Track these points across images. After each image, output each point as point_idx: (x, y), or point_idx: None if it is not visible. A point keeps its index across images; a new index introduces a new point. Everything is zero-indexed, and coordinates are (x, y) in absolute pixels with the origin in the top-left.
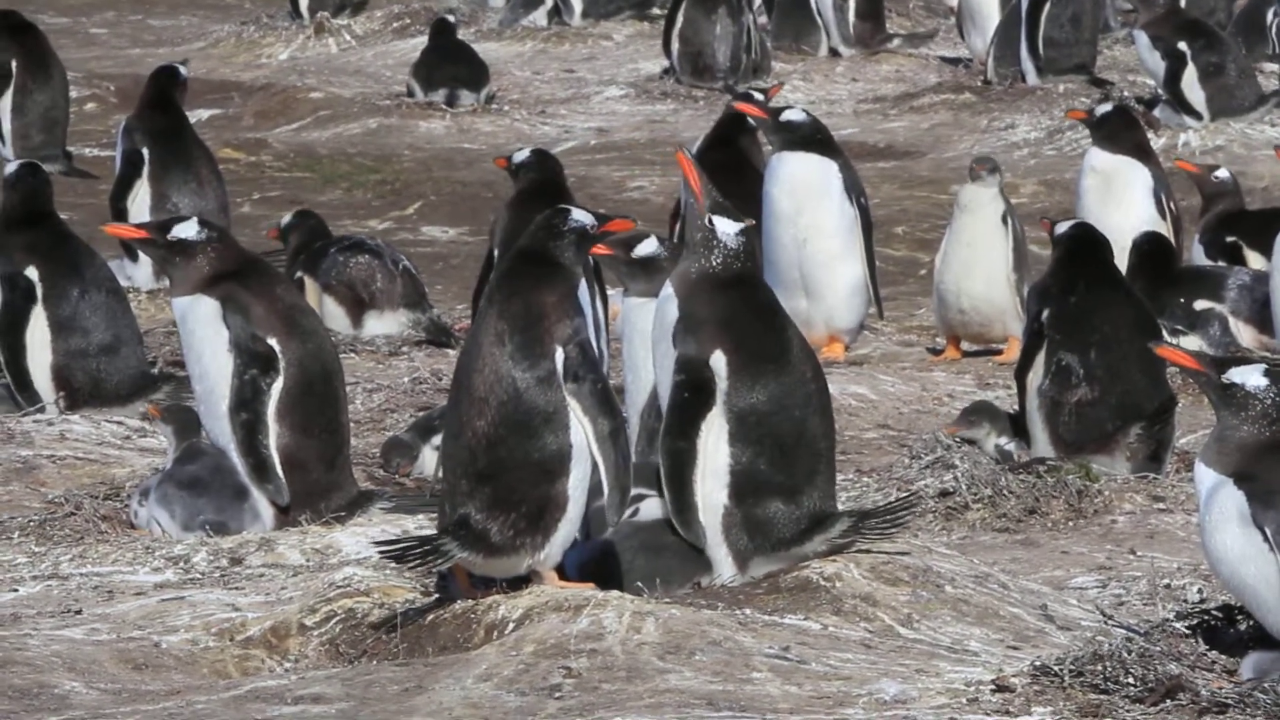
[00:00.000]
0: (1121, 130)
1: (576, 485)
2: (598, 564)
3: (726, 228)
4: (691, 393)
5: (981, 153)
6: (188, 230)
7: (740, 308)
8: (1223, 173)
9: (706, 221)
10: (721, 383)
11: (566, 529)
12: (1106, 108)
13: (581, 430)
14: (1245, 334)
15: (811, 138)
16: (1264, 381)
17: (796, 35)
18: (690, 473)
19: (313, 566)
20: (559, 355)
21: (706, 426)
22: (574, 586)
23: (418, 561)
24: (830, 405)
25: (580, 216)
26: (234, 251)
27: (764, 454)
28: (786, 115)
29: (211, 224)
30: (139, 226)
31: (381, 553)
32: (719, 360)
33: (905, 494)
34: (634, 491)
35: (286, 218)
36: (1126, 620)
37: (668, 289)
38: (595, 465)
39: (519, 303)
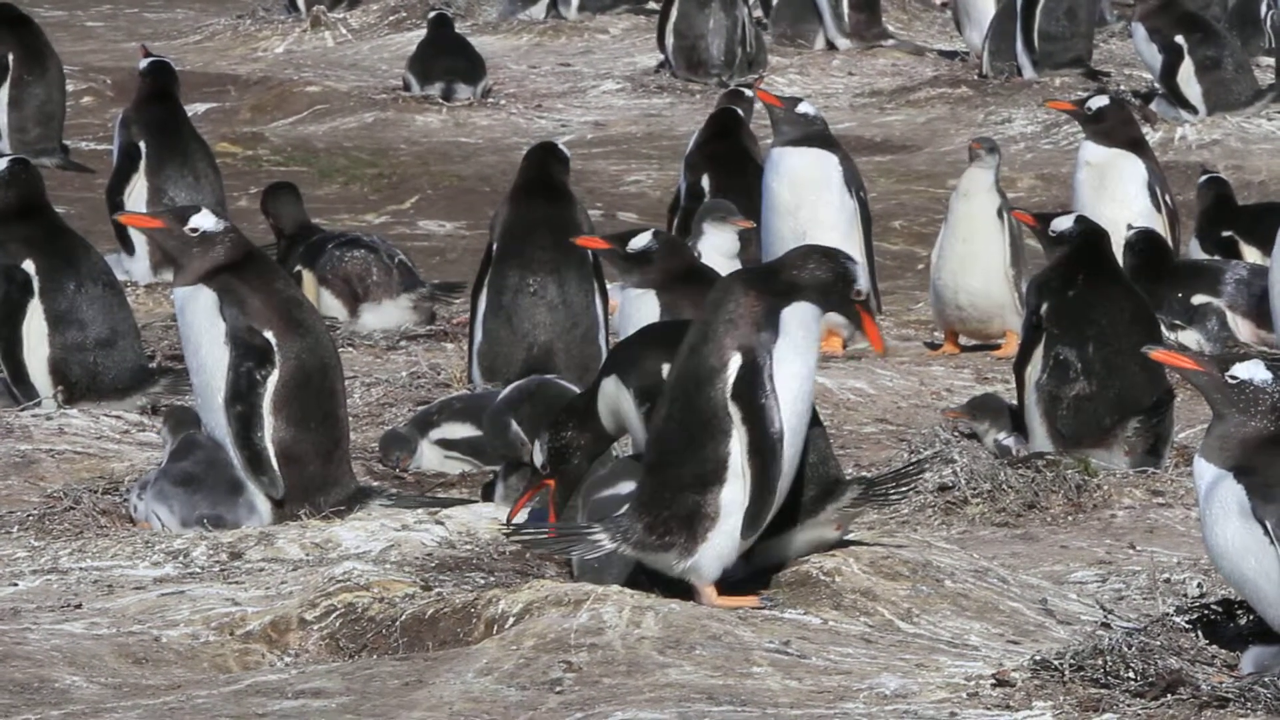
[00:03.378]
0: (1116, 124)
1: (732, 502)
2: (601, 560)
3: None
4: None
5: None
6: (205, 221)
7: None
8: (1204, 178)
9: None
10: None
11: (720, 543)
12: (1102, 101)
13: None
14: (1243, 328)
15: (813, 132)
16: (1269, 375)
17: (793, 22)
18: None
19: (312, 561)
20: (735, 361)
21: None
22: (736, 601)
23: (560, 547)
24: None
25: (863, 278)
26: (239, 244)
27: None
28: (802, 108)
29: (222, 215)
30: (154, 216)
31: (517, 539)
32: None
33: (910, 463)
34: (630, 488)
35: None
36: (1126, 615)
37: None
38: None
39: (726, 302)
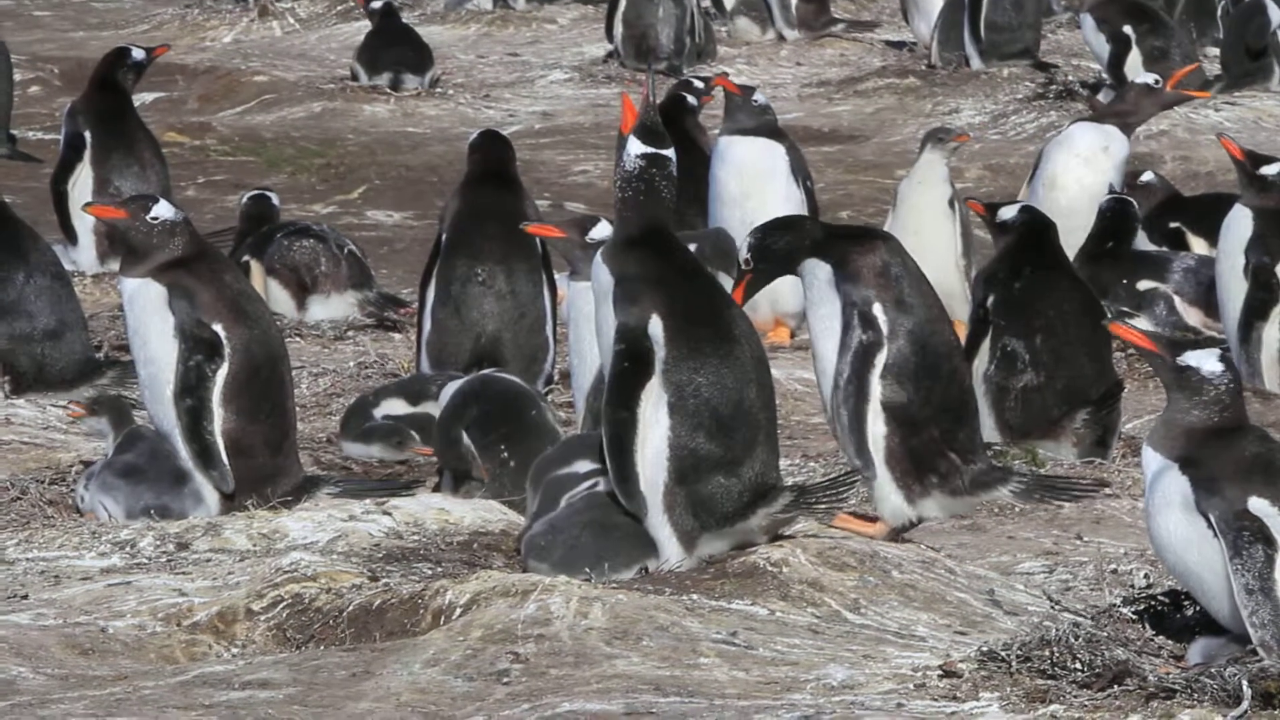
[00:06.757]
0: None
1: None
2: (547, 538)
3: (634, 148)
4: (631, 362)
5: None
6: (165, 210)
7: (671, 271)
8: (1148, 176)
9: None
10: (659, 350)
11: None
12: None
13: None
14: (1191, 315)
15: (761, 122)
16: (1219, 367)
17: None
18: (632, 442)
19: (259, 551)
20: None
21: (646, 396)
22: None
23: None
24: (769, 376)
25: None
26: (191, 237)
27: (703, 425)
28: (758, 98)
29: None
30: (117, 206)
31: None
32: (656, 326)
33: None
34: (588, 467)
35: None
36: (1073, 605)
37: (597, 260)
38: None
39: None
